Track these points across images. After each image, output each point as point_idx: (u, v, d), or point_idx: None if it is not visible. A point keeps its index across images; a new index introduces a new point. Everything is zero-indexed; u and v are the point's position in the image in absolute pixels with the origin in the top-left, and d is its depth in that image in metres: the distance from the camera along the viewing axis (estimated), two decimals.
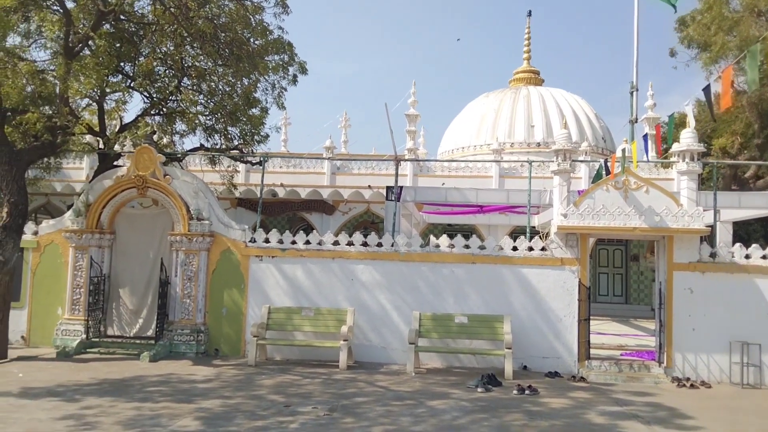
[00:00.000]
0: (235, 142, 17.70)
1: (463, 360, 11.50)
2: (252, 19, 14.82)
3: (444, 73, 71.58)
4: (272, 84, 16.39)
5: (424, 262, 11.68)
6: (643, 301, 23.86)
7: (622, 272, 24.50)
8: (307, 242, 12.20)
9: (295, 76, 16.24)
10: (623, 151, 11.77)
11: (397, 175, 13.55)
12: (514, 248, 11.62)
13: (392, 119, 56.51)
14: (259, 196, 13.71)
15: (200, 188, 12.67)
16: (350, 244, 12.04)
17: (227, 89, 16.76)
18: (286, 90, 16.15)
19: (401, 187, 14.78)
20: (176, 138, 18.33)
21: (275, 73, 15.83)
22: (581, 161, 19.69)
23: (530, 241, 11.66)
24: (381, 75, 70.40)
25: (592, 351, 11.57)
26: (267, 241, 12.34)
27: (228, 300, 12.21)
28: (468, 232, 18.28)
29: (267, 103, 16.72)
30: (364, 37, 72.38)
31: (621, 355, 12.26)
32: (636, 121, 24.89)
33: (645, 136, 15.25)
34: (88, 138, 17.77)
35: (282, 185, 22.25)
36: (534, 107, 27.60)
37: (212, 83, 16.69)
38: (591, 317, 11.61)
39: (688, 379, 10.72)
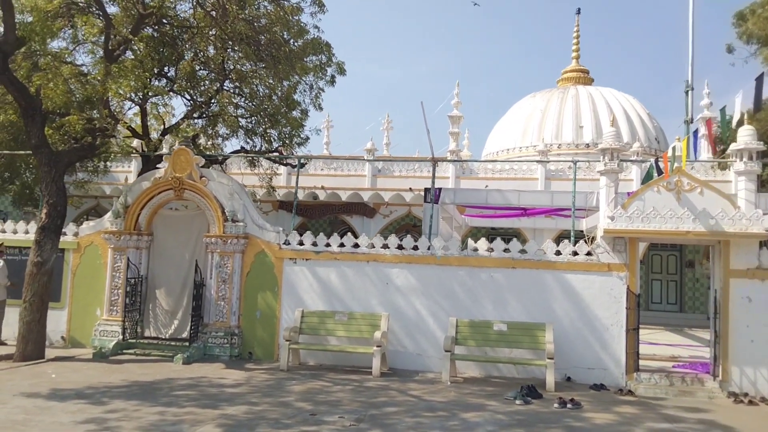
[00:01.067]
0: (275, 145, 17.87)
1: (503, 370, 11.11)
2: (290, 20, 14.69)
3: (489, 75, 70.68)
4: (310, 85, 16.35)
5: (461, 267, 11.36)
6: (698, 310, 22.82)
7: (676, 279, 23.51)
8: (341, 245, 11.98)
9: (333, 76, 16.19)
10: (673, 149, 10.98)
11: (434, 176, 13.10)
12: (558, 252, 11.14)
13: (435, 121, 56.02)
14: (295, 197, 13.43)
15: (235, 190, 12.55)
16: (385, 247, 11.78)
17: (267, 92, 16.89)
18: (323, 91, 16.23)
19: (439, 189, 14.44)
20: (218, 141, 18.65)
21: (313, 74, 15.70)
22: (632, 161, 18.79)
23: (575, 245, 11.14)
24: (425, 78, 70.09)
25: (641, 362, 10.93)
26: (301, 243, 12.14)
27: (262, 303, 12.11)
28: (512, 235, 17.69)
29: (305, 104, 16.78)
30: (408, 40, 72.25)
31: (673, 367, 11.58)
32: (691, 122, 23.64)
33: (695, 133, 14.21)
34: (135, 142, 18.20)
35: (323, 188, 22.36)
36: (583, 107, 27.00)
37: (253, 86, 16.85)
38: (642, 326, 11.15)
39: (746, 395, 9.94)
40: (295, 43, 16.47)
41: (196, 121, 17.87)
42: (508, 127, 28.80)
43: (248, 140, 17.51)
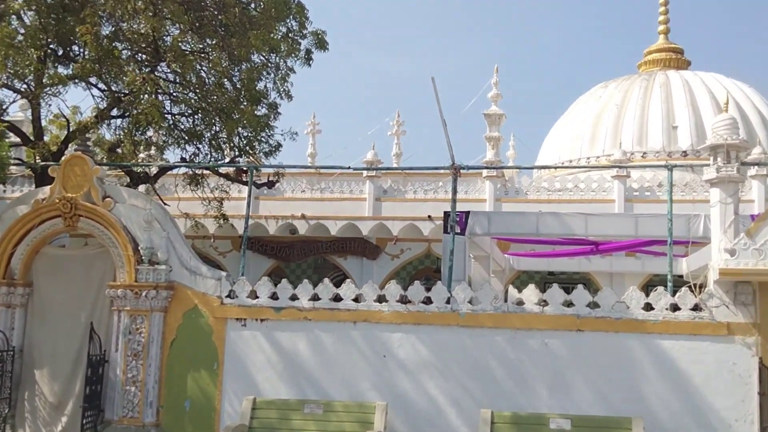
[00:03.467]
0: (230, 155, 16.94)
1: None
2: None
3: (540, 64, 69.74)
4: (276, 65, 15.55)
5: (498, 329, 10.80)
6: None
7: None
8: (315, 297, 11.35)
9: (308, 52, 15.36)
10: None
11: (454, 191, 11.96)
12: (648, 307, 10.55)
13: (466, 125, 55.19)
14: (245, 228, 12.86)
15: (156, 216, 11.76)
16: (381, 300, 11.19)
17: (217, 78, 16.13)
18: (293, 72, 15.60)
19: (466, 214, 13.40)
20: (153, 151, 17.71)
21: (276, 49, 14.88)
22: (752, 164, 17.44)
23: (674, 295, 10.53)
24: (453, 74, 69.39)
25: None
26: (254, 296, 11.47)
27: (193, 388, 11.43)
28: (577, 282, 16.59)
29: (272, 96, 16.03)
30: (430, 25, 71.87)
31: None
32: None
33: None
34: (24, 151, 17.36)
35: (303, 217, 21.65)
36: (677, 99, 26.25)
37: (198, 71, 16.16)
38: None
39: None
40: (256, 7, 15.67)
41: (115, 122, 17.12)
42: (570, 130, 28.04)
43: (194, 147, 16.83)
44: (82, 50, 15.25)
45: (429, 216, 20.70)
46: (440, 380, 10.77)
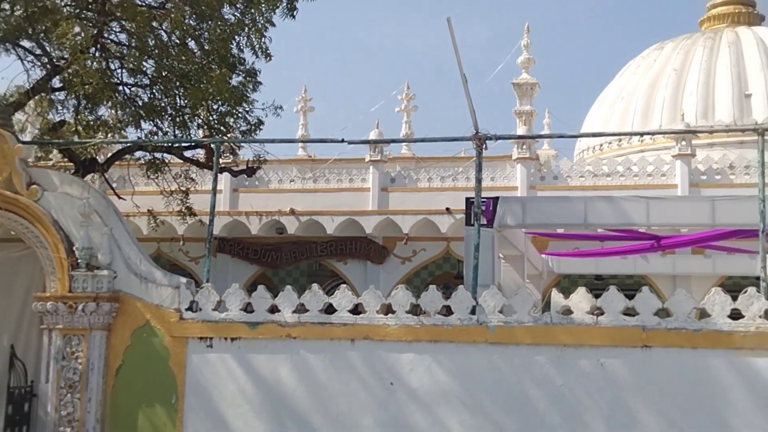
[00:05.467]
0: (197, 132, 16.60)
1: None
2: None
3: (580, 28, 69.01)
4: (252, 18, 15.23)
5: (539, 347, 10.41)
6: None
7: None
8: (301, 309, 10.92)
9: (291, 1, 14.75)
10: None
11: (479, 168, 11.27)
12: (735, 314, 9.99)
13: (492, 97, 54.74)
14: (210, 222, 12.82)
15: (96, 208, 11.34)
16: (387, 311, 10.83)
17: (178, 40, 16.00)
18: (271, 24, 15.47)
19: (494, 199, 12.87)
20: (105, 134, 17.28)
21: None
22: None
23: None
24: (476, 48, 68.75)
25: None
26: (223, 308, 11.11)
27: (146, 428, 11.15)
28: (633, 288, 16.25)
29: (246, 54, 16.07)
30: None
31: None
32: None
33: None
34: None
35: (293, 213, 21.66)
36: (749, 62, 26.12)
37: (156, 30, 15.90)
38: None
39: None
40: None
41: (56, 96, 16.67)
42: (618, 103, 27.95)
43: (152, 125, 16.53)
44: (8, 4, 14.80)
45: (447, 209, 20.61)
46: (465, 414, 10.47)
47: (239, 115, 16.33)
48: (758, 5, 29.86)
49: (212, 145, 13.77)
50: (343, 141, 11.43)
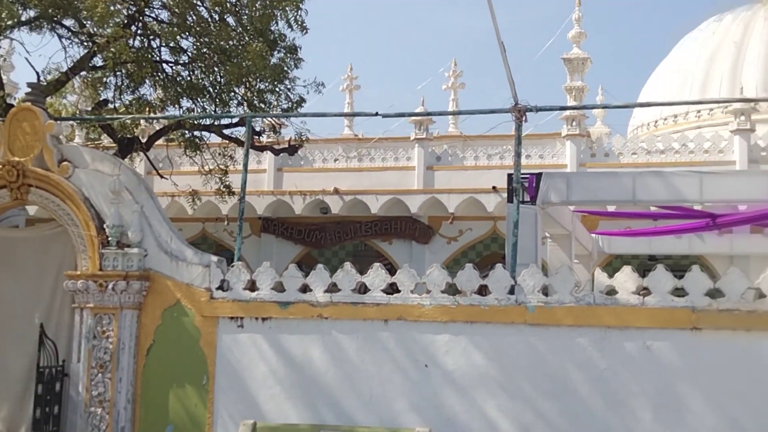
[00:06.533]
0: (238, 110, 16.70)
1: None
2: None
3: (633, 3, 67.68)
4: None
5: (581, 328, 10.21)
6: None
7: None
8: (333, 287, 10.81)
9: None
10: None
11: (518, 141, 10.90)
12: None
13: (542, 75, 53.79)
14: (241, 201, 12.55)
15: (127, 185, 11.23)
16: (423, 290, 10.66)
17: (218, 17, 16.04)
18: None
19: (537, 175, 12.44)
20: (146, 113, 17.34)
21: None
22: None
23: None
24: (527, 29, 67.79)
25: None
26: (252, 287, 11.00)
27: (177, 409, 11.10)
28: (687, 268, 15.83)
29: (281, 26, 15.78)
30: None
31: None
32: None
33: None
34: None
35: (337, 192, 21.65)
36: None
37: (201, 6, 16.04)
38: None
39: None
40: None
41: (95, 75, 16.68)
42: (675, 77, 27.21)
43: (191, 103, 16.49)
44: None
45: (494, 187, 20.22)
46: (503, 398, 10.31)
47: (280, 92, 16.25)
48: None
49: (245, 121, 13.57)
50: (377, 114, 11.12)
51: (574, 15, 23.53)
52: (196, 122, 15.84)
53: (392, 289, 10.86)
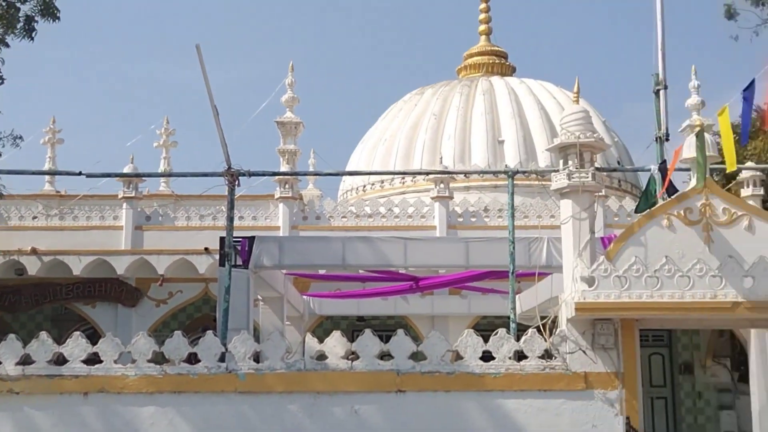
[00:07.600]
0: None
1: None
2: None
3: (344, 71, 70.61)
4: None
5: (292, 395, 10.32)
6: None
7: (665, 394, 22.96)
8: (26, 360, 10.18)
9: (30, 20, 13.72)
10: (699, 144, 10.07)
11: (231, 205, 10.75)
12: (486, 356, 10.30)
13: (260, 136, 54.78)
14: None
15: None
16: (128, 359, 10.31)
17: None
18: (5, 45, 13.88)
19: (249, 239, 12.49)
20: None
21: None
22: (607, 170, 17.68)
23: (519, 339, 10.41)
24: (241, 87, 68.42)
25: None
26: None
27: None
28: (393, 329, 16.32)
29: None
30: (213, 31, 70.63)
31: None
32: (667, 139, 22.82)
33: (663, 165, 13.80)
34: None
35: (34, 252, 20.07)
36: (502, 111, 26.65)
37: None
38: None
39: None
40: None
41: None
42: (381, 145, 28.03)
43: None
44: None
45: (206, 248, 19.82)
46: None
47: None
48: (510, 56, 30.71)
49: None
50: (80, 174, 10.50)
51: (287, 80, 23.75)
52: None
53: (96, 358, 10.24)
